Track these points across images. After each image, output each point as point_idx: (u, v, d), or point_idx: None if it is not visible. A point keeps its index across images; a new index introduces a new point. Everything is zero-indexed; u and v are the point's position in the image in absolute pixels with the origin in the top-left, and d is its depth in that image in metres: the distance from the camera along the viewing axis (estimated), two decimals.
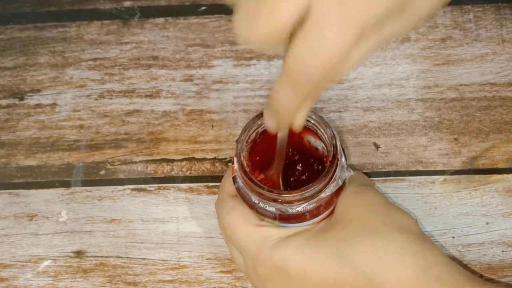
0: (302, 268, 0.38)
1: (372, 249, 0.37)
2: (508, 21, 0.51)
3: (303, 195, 0.36)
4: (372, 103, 0.49)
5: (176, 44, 0.52)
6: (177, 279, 0.46)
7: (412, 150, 0.48)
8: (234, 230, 0.40)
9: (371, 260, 0.37)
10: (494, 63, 0.50)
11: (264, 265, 0.38)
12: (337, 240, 0.38)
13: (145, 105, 0.51)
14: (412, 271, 0.36)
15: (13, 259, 0.47)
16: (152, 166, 0.49)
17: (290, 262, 0.38)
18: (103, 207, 0.48)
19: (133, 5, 0.54)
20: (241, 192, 0.39)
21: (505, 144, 0.48)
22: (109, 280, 0.46)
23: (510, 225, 0.46)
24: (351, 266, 0.37)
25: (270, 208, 0.38)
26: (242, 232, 0.39)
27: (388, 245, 0.37)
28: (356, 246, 0.37)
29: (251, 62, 0.51)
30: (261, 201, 0.38)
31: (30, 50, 0.53)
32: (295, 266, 0.38)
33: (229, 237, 0.40)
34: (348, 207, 0.39)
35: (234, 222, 0.40)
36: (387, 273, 0.36)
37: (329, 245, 0.38)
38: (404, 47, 0.51)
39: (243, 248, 0.39)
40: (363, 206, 0.39)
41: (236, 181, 0.39)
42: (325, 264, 0.37)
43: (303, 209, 0.38)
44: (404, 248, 0.37)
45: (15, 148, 0.50)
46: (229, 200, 0.41)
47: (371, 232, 0.38)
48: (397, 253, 0.37)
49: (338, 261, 0.37)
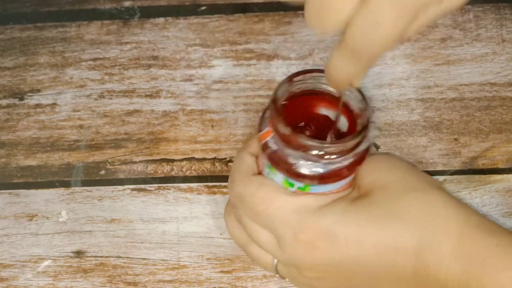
0: (352, 229, 0.38)
1: (418, 204, 0.38)
2: (508, 21, 0.51)
3: (346, 145, 0.37)
4: (372, 103, 0.49)
5: (176, 44, 0.52)
6: (177, 279, 0.46)
7: (412, 151, 0.48)
8: (268, 203, 0.38)
9: (420, 215, 0.38)
10: (494, 63, 0.50)
11: (309, 231, 0.38)
12: (381, 202, 0.39)
13: (145, 105, 0.51)
14: (456, 220, 0.38)
15: (13, 259, 0.47)
16: (152, 166, 0.49)
17: (338, 225, 0.38)
18: (103, 207, 0.48)
19: (133, 5, 0.54)
20: (277, 155, 0.38)
21: (505, 144, 0.48)
22: (109, 280, 0.46)
23: (510, 225, 0.46)
24: (401, 224, 0.38)
25: (310, 167, 0.38)
26: (279, 202, 0.38)
27: (431, 199, 0.39)
28: (402, 204, 0.38)
29: (251, 62, 0.51)
30: (300, 159, 0.37)
31: (30, 50, 0.53)
32: (344, 228, 0.38)
33: (259, 214, 0.39)
34: (381, 172, 0.40)
35: (267, 196, 0.39)
36: (435, 223, 0.38)
37: (374, 207, 0.38)
38: (404, 47, 0.51)
39: (279, 221, 0.38)
40: (395, 169, 0.41)
41: (268, 146, 0.38)
42: (374, 224, 0.38)
43: (342, 165, 0.38)
44: (445, 201, 0.39)
45: (15, 148, 0.50)
46: (254, 178, 0.40)
47: (412, 190, 0.39)
48: (441, 205, 0.38)
49: (387, 220, 0.38)
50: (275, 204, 0.38)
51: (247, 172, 0.40)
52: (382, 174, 0.40)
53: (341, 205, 0.39)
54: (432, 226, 0.38)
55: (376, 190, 0.39)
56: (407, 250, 0.37)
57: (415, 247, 0.37)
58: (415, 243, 0.37)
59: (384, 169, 0.41)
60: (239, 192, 0.40)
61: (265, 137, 0.39)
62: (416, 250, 0.37)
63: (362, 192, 0.40)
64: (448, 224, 0.38)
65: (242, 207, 0.40)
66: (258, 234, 0.40)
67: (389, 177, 0.40)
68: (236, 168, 0.41)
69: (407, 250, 0.37)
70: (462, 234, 0.37)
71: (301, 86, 0.40)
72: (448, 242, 0.37)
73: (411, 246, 0.37)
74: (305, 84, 0.40)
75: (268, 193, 0.39)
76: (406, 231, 0.38)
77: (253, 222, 0.40)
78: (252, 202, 0.39)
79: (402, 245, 0.38)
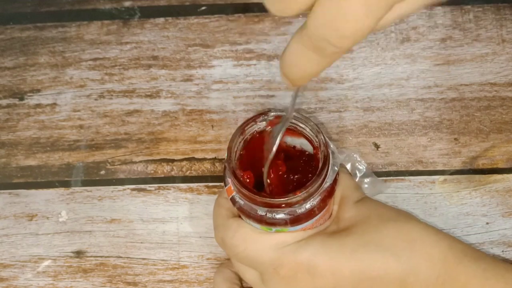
0: (332, 261, 0.38)
1: (396, 233, 0.39)
2: (508, 21, 0.51)
3: (309, 191, 0.37)
4: (372, 103, 0.49)
5: (176, 44, 0.52)
6: (177, 279, 0.46)
7: (412, 150, 0.48)
8: (246, 244, 0.39)
9: (398, 241, 0.38)
10: (494, 63, 0.50)
11: (288, 266, 0.38)
12: (361, 232, 0.39)
13: (145, 105, 0.51)
14: (439, 246, 0.38)
15: (13, 259, 0.47)
16: (152, 166, 0.49)
17: (318, 258, 0.38)
18: (103, 207, 0.48)
19: (133, 5, 0.54)
20: (245, 209, 0.39)
21: (505, 144, 0.48)
22: (109, 280, 0.46)
23: (510, 225, 0.46)
24: (380, 251, 0.38)
25: (279, 215, 0.38)
26: (256, 243, 0.39)
27: (411, 227, 0.39)
28: (381, 233, 0.39)
29: (251, 62, 0.51)
30: (268, 211, 0.38)
31: (30, 50, 0.53)
32: (324, 260, 0.38)
33: (240, 254, 0.40)
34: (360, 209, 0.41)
35: (245, 238, 0.40)
36: (416, 250, 0.38)
37: (354, 238, 0.39)
38: (404, 47, 0.51)
39: (259, 259, 0.39)
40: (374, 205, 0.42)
41: (235, 201, 0.39)
42: (354, 254, 0.38)
43: (311, 206, 0.38)
44: (426, 229, 0.39)
45: (15, 148, 0.50)
46: (232, 221, 0.41)
47: (392, 220, 0.40)
48: (421, 233, 0.39)
49: (367, 248, 0.38)
50: (253, 244, 0.39)
51: (226, 216, 0.41)
52: (359, 211, 0.41)
53: (319, 238, 0.39)
54: (414, 252, 0.38)
55: (354, 224, 0.40)
56: (389, 278, 0.38)
57: (399, 274, 0.37)
58: (398, 270, 0.37)
59: (363, 207, 0.41)
60: (221, 237, 0.41)
61: (230, 192, 0.40)
62: (399, 276, 0.37)
63: (341, 227, 0.40)
64: (431, 249, 0.38)
65: (225, 249, 0.41)
66: (243, 272, 0.42)
67: (369, 212, 0.41)
68: (215, 214, 0.43)
69: (390, 278, 0.38)
70: (446, 259, 0.38)
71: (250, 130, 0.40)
72: (433, 267, 0.37)
73: (394, 273, 0.37)
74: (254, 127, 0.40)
75: (245, 235, 0.40)
76: (387, 259, 0.38)
77: (238, 262, 0.41)
78: (232, 244, 0.40)
79: (383, 273, 0.38)
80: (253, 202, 0.38)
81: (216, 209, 0.43)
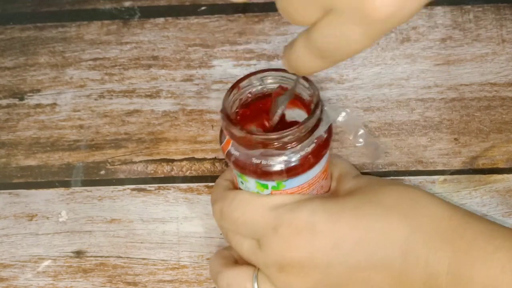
0: (331, 218, 0.37)
1: (399, 193, 0.39)
2: (508, 21, 0.51)
3: (301, 130, 0.37)
4: (372, 103, 0.49)
5: (176, 44, 0.52)
6: (177, 279, 0.46)
7: (412, 150, 0.48)
8: (244, 209, 0.39)
9: (402, 200, 0.38)
10: (494, 63, 0.50)
11: (287, 224, 0.38)
12: (362, 194, 0.39)
13: (145, 105, 0.51)
14: (442, 207, 0.38)
15: (13, 259, 0.47)
16: (152, 166, 0.49)
17: (317, 215, 0.37)
18: (103, 207, 0.48)
19: (133, 5, 0.54)
20: (240, 161, 0.39)
21: (505, 144, 0.48)
22: (109, 280, 0.46)
23: (510, 225, 0.46)
24: (383, 208, 0.37)
25: (275, 162, 0.38)
26: (254, 205, 0.39)
27: (414, 190, 0.39)
28: (384, 194, 0.38)
29: (251, 62, 0.51)
30: (263, 157, 0.38)
31: (30, 50, 0.53)
32: (323, 218, 0.37)
33: (238, 221, 0.39)
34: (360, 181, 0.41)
35: (242, 202, 0.39)
36: (419, 209, 0.38)
37: (355, 198, 0.39)
38: (404, 47, 0.51)
39: (257, 221, 0.39)
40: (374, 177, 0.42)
41: (231, 154, 0.39)
42: (355, 210, 0.37)
43: (305, 152, 0.38)
44: (428, 194, 0.39)
45: (15, 148, 0.50)
46: (229, 192, 0.41)
47: (394, 184, 0.40)
48: (425, 195, 0.39)
49: (369, 206, 0.38)
50: (251, 208, 0.39)
51: (225, 188, 0.42)
52: (360, 182, 0.41)
53: (318, 199, 0.39)
54: (417, 210, 0.37)
55: (355, 190, 0.40)
56: (392, 235, 0.37)
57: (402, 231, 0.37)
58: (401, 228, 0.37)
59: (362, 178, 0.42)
60: (219, 207, 0.41)
61: (226, 147, 0.39)
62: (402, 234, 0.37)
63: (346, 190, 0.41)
64: (435, 208, 0.38)
65: (223, 221, 0.41)
66: (241, 244, 0.41)
67: (367, 181, 0.41)
68: (214, 189, 0.43)
69: (392, 235, 0.37)
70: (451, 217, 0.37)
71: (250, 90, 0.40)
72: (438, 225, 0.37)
73: (397, 230, 0.37)
74: (253, 87, 0.41)
75: (243, 200, 0.39)
76: (390, 217, 0.37)
77: (236, 233, 0.41)
78: (230, 212, 0.40)
79: (386, 230, 0.37)
80: (247, 145, 0.37)
81: (215, 188, 0.43)
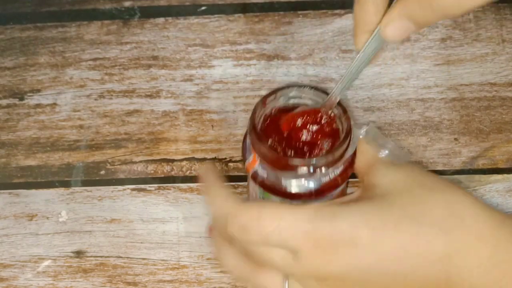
0: (373, 234, 0.35)
1: (444, 206, 0.36)
2: (508, 21, 0.51)
3: (335, 155, 0.37)
4: (372, 103, 0.49)
5: (176, 44, 0.52)
6: (177, 279, 0.46)
7: (412, 150, 0.48)
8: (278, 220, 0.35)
9: (447, 216, 0.35)
10: (494, 63, 0.50)
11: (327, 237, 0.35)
12: (404, 203, 0.36)
13: (145, 105, 0.51)
14: (490, 223, 0.36)
15: (13, 259, 0.47)
16: (152, 166, 0.49)
17: (358, 229, 0.35)
18: (103, 207, 0.48)
19: (133, 5, 0.54)
20: (269, 182, 0.38)
21: (505, 144, 0.48)
22: (109, 280, 0.46)
23: None
24: (427, 225, 0.35)
25: (305, 184, 0.37)
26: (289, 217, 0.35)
27: (460, 201, 0.36)
28: (428, 205, 0.36)
29: (251, 62, 0.51)
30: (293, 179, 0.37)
31: (30, 50, 0.53)
32: (363, 232, 0.35)
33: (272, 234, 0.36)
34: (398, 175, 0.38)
35: (274, 214, 0.36)
36: (466, 227, 0.35)
37: (396, 209, 0.36)
38: (404, 47, 0.51)
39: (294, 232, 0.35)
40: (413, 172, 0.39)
41: (258, 175, 0.38)
42: (398, 226, 0.35)
43: (334, 174, 0.38)
44: (473, 203, 0.36)
45: (15, 148, 0.50)
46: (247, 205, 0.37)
47: (438, 191, 0.37)
48: (469, 207, 0.36)
49: (412, 221, 0.35)
50: (285, 219, 0.36)
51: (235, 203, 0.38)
52: (399, 176, 0.38)
53: (357, 208, 0.36)
54: (464, 229, 0.35)
55: (394, 192, 0.37)
56: (435, 255, 0.35)
57: (446, 251, 0.35)
58: (441, 248, 0.35)
59: (402, 172, 0.39)
60: (241, 223, 0.37)
61: (252, 166, 0.39)
62: (446, 254, 0.35)
63: (378, 193, 0.38)
64: (483, 226, 0.35)
65: (248, 236, 0.37)
66: (271, 256, 0.37)
67: (407, 179, 0.38)
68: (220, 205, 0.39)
69: (435, 255, 0.35)
70: (498, 238, 0.35)
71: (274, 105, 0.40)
72: (484, 246, 0.35)
73: (441, 250, 0.35)
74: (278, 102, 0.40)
75: (274, 211, 0.36)
76: (434, 235, 0.35)
77: (264, 246, 0.37)
78: (259, 225, 0.36)
79: (429, 249, 0.35)
80: (278, 167, 0.37)
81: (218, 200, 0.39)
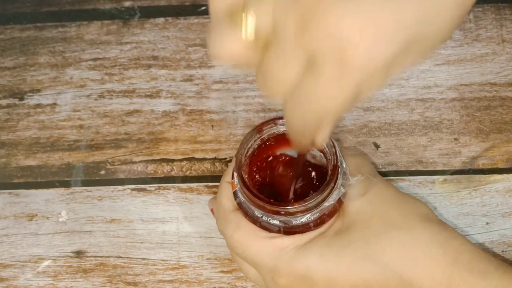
0: (329, 274, 0.37)
1: (399, 245, 0.37)
2: (508, 21, 0.51)
3: (307, 206, 0.36)
4: (372, 103, 0.49)
5: (176, 44, 0.52)
6: (177, 279, 0.46)
7: (412, 150, 0.48)
8: (244, 247, 0.39)
9: (400, 257, 0.37)
10: (494, 63, 0.50)
11: (285, 276, 0.38)
12: (361, 241, 0.37)
13: (145, 105, 0.51)
14: (442, 262, 0.36)
15: (13, 259, 0.47)
16: (152, 166, 0.49)
17: (315, 270, 0.37)
18: (103, 207, 0.48)
19: (133, 5, 0.54)
20: (243, 207, 0.39)
21: (505, 144, 0.48)
22: (109, 280, 0.46)
23: (510, 225, 0.46)
24: (380, 266, 0.36)
25: (274, 221, 0.38)
26: (254, 248, 0.38)
27: (414, 238, 0.37)
28: (382, 244, 0.37)
29: None
30: (264, 214, 0.37)
31: (30, 50, 0.53)
32: (321, 273, 0.37)
33: (239, 255, 0.40)
34: (363, 205, 0.39)
35: (243, 239, 0.39)
36: (418, 267, 0.36)
37: (353, 248, 0.37)
38: None
39: (258, 264, 0.39)
40: (379, 201, 0.39)
41: (237, 196, 0.39)
42: (353, 267, 0.37)
43: (307, 220, 0.37)
44: (430, 240, 0.37)
45: (15, 148, 0.50)
46: (231, 217, 0.40)
47: (394, 227, 0.38)
48: (425, 245, 0.37)
49: (367, 262, 0.37)
50: (250, 249, 0.38)
51: (227, 208, 0.41)
52: (364, 207, 0.39)
53: (320, 244, 0.38)
54: (416, 270, 0.36)
55: (359, 224, 0.38)
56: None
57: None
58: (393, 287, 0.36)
59: (367, 202, 0.39)
60: (221, 231, 0.41)
61: (234, 186, 0.39)
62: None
63: (348, 222, 0.39)
64: (435, 267, 0.36)
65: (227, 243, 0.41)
66: (246, 270, 0.41)
67: (372, 211, 0.39)
68: (218, 202, 0.42)
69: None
70: (451, 277, 0.36)
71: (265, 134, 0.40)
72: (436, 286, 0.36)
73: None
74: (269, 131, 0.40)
75: (243, 237, 0.39)
76: (386, 276, 0.36)
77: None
78: (231, 244, 0.40)
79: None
80: (251, 203, 0.37)
81: (219, 200, 0.42)
